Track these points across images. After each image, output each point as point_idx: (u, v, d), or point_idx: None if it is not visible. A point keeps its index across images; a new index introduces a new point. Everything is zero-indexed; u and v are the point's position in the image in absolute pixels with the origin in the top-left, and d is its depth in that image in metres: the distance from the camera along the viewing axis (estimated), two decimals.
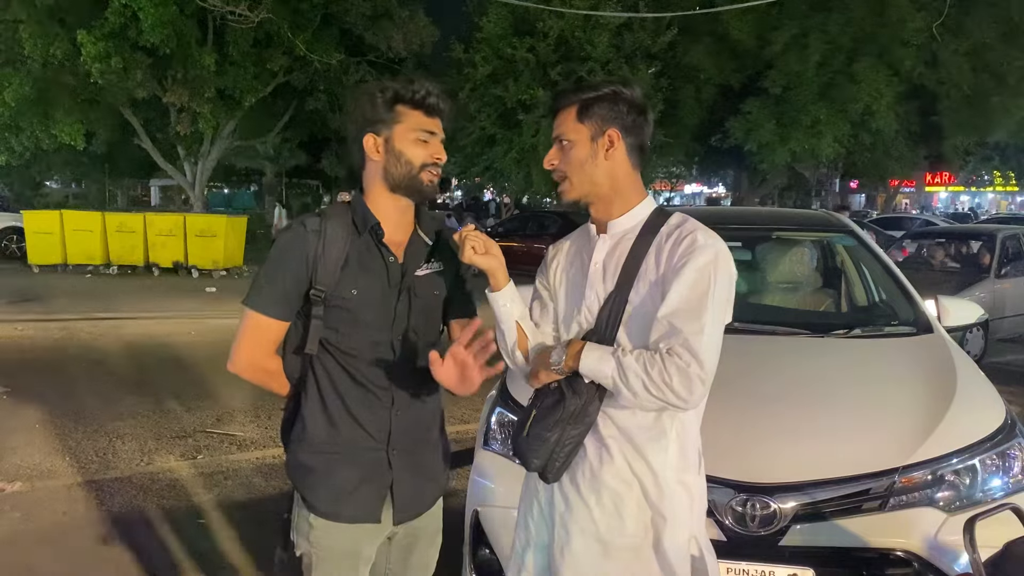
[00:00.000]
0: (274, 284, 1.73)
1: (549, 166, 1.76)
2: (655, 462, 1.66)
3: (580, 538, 1.69)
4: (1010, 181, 38.49)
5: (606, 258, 1.73)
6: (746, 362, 2.97)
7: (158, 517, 3.98)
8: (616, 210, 1.74)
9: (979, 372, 2.96)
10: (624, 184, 1.73)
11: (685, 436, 1.70)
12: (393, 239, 1.77)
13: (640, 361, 1.56)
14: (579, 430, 1.65)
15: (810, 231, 4.32)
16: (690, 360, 1.53)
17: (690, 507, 1.70)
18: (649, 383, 1.54)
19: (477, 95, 18.29)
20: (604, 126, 1.69)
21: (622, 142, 1.70)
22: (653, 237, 1.68)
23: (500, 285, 1.71)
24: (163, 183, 35.29)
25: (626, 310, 1.66)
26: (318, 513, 1.77)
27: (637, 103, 1.71)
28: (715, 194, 49.57)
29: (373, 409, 1.76)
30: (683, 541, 1.68)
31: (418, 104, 1.72)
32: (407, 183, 1.74)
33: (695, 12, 17.88)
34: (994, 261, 8.72)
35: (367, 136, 1.73)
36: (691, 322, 1.56)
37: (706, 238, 1.63)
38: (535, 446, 1.65)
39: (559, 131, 1.73)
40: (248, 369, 1.78)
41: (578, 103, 1.71)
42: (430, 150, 1.74)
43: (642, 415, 1.66)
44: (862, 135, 19.17)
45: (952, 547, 2.18)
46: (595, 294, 1.72)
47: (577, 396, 1.63)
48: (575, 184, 1.72)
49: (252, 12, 15.99)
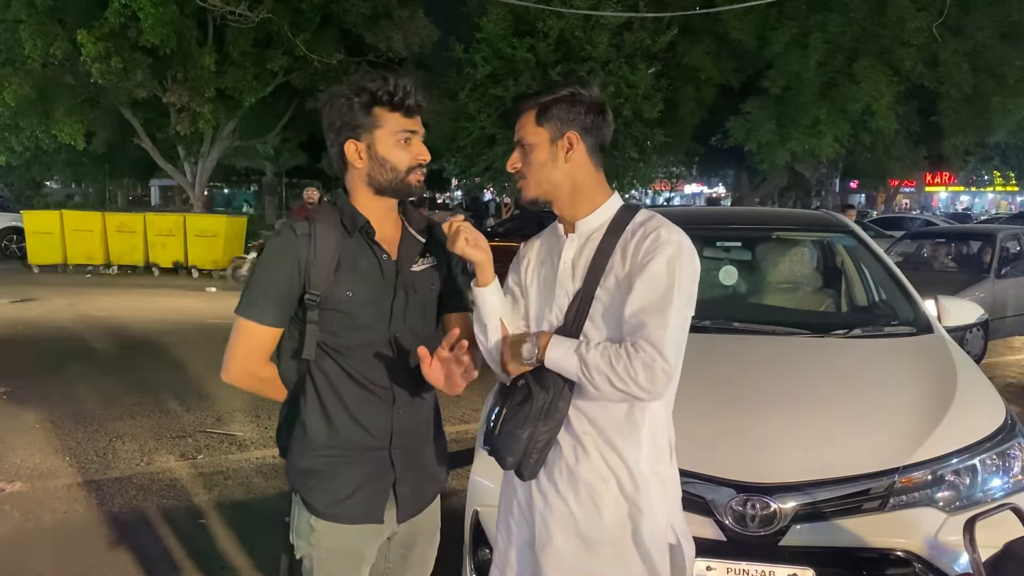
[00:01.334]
0: (266, 292, 1.71)
1: (512, 169, 1.78)
2: (629, 456, 1.68)
3: (561, 535, 1.71)
4: (1010, 181, 38.54)
5: (575, 257, 1.75)
6: (746, 362, 2.98)
7: (158, 517, 3.99)
8: (582, 209, 1.76)
9: (979, 372, 2.96)
10: (586, 184, 1.75)
11: (656, 427, 1.71)
12: (384, 237, 1.77)
13: (605, 356, 1.58)
14: (550, 426, 1.66)
15: (810, 231, 4.32)
16: (655, 355, 1.55)
17: (664, 496, 1.72)
18: (614, 377, 1.57)
19: (477, 95, 18.25)
20: (563, 128, 1.71)
21: (581, 143, 1.72)
22: (620, 234, 1.71)
23: (487, 280, 1.72)
24: (163, 183, 35.34)
25: (593, 306, 1.68)
26: (319, 515, 1.76)
27: (595, 103, 1.73)
28: (715, 194, 49.60)
29: (374, 409, 1.76)
30: (660, 531, 1.71)
31: (397, 106, 1.70)
32: (394, 187, 1.74)
33: (695, 12, 17.87)
34: (994, 261, 8.71)
35: (348, 143, 1.72)
36: (655, 316, 1.58)
37: (670, 234, 1.66)
38: (508, 444, 1.66)
39: (520, 135, 1.76)
40: (242, 378, 1.77)
41: (536, 106, 1.73)
42: (413, 151, 1.73)
43: (614, 409, 1.68)
44: (862, 135, 19.19)
45: (952, 547, 2.18)
46: (565, 293, 1.74)
47: (544, 391, 1.64)
48: (533, 184, 1.75)
49: (252, 12, 16.01)
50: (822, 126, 18.49)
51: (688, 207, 29.07)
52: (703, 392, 2.37)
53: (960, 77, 18.03)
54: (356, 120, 1.70)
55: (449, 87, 18.71)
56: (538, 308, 1.79)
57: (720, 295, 3.99)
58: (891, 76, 17.86)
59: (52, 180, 32.57)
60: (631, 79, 17.50)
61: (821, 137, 18.61)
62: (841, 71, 18.26)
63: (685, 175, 31.52)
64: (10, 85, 16.20)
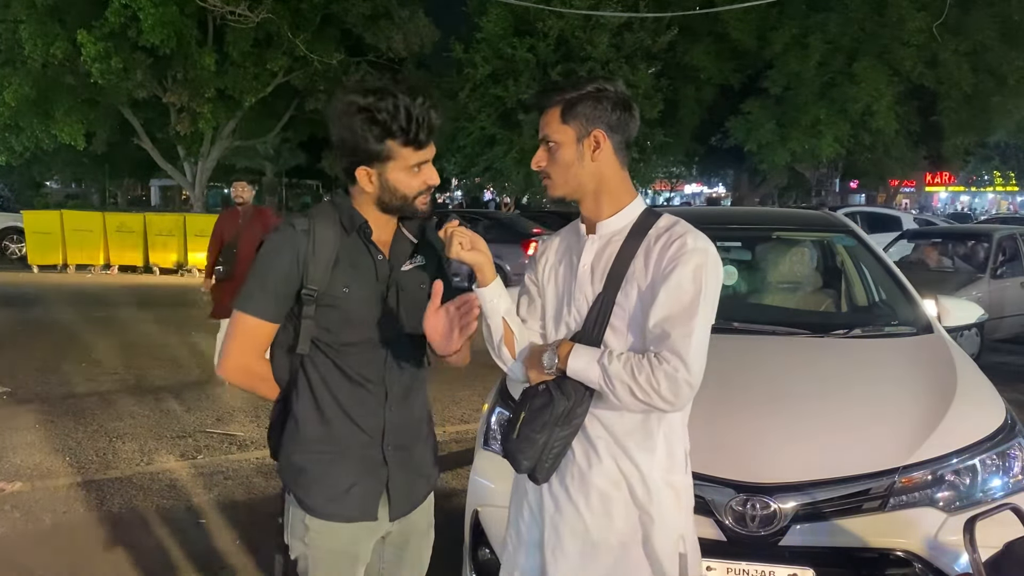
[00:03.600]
0: (264, 286, 1.72)
1: (536, 167, 1.75)
2: (642, 463, 1.67)
3: (571, 539, 1.70)
4: (1010, 181, 38.51)
5: (594, 260, 1.73)
6: (746, 362, 2.97)
7: (158, 517, 3.98)
8: (606, 209, 1.73)
9: (979, 372, 2.96)
10: (612, 183, 1.72)
11: (672, 436, 1.70)
12: (380, 238, 1.78)
13: (628, 367, 1.56)
14: (567, 432, 1.65)
15: (810, 231, 4.32)
16: (679, 365, 1.54)
17: (677, 506, 1.71)
18: (636, 388, 1.55)
19: (477, 95, 18.26)
20: (589, 127, 1.68)
21: (608, 142, 1.69)
22: (642, 239, 1.68)
23: (487, 280, 1.70)
24: (163, 183, 35.28)
25: (613, 311, 1.67)
26: (314, 514, 1.75)
27: (621, 99, 1.70)
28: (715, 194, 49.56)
29: (367, 406, 1.76)
30: (671, 540, 1.69)
31: (409, 142, 1.67)
32: (400, 208, 1.75)
33: (695, 12, 17.87)
34: (990, 261, 8.69)
35: (359, 169, 1.71)
36: (680, 326, 1.56)
37: (695, 241, 1.63)
38: (524, 447, 1.65)
39: (544, 132, 1.72)
40: (237, 372, 1.78)
41: (562, 103, 1.69)
42: (423, 177, 1.72)
43: (629, 417, 1.66)
44: (862, 135, 19.17)
45: (952, 547, 2.18)
46: (584, 296, 1.72)
47: (565, 398, 1.63)
48: (560, 184, 1.72)
49: (252, 12, 16.01)
50: (822, 126, 18.49)
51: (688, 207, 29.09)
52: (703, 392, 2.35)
53: (960, 77, 18.03)
54: (369, 148, 1.67)
55: (449, 87, 18.71)
56: (555, 309, 1.78)
57: (720, 295, 3.98)
58: (891, 76, 17.86)
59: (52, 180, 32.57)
60: (631, 79, 17.50)
61: (821, 137, 18.60)
62: (841, 71, 18.26)
63: (685, 175, 31.48)
64: (10, 85, 16.22)
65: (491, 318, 1.74)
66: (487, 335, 1.76)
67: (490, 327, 1.75)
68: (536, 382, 1.69)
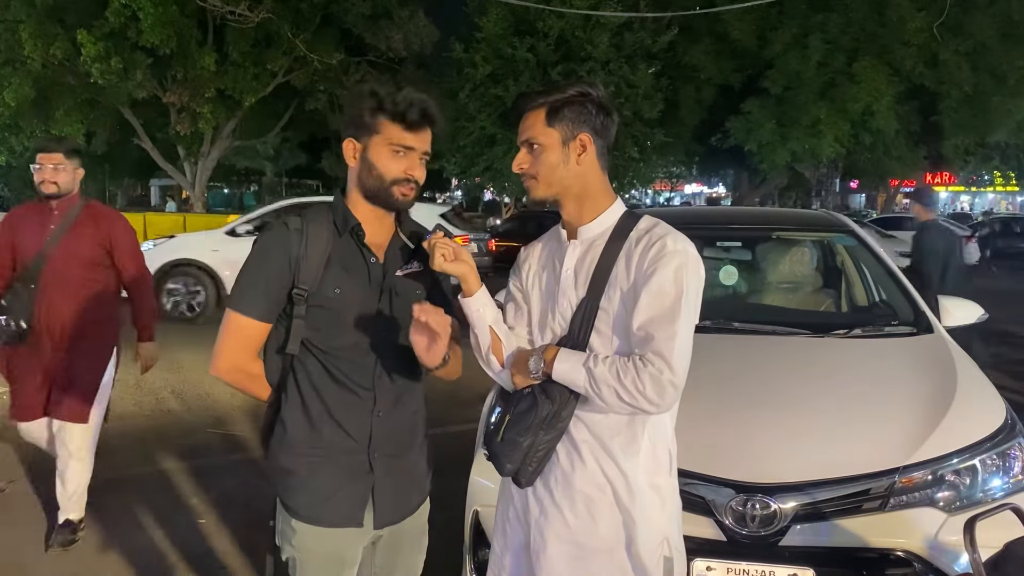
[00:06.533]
0: (255, 284, 1.72)
1: (518, 170, 1.75)
2: (626, 466, 1.67)
3: (555, 543, 1.70)
4: (1010, 181, 38.53)
5: (577, 264, 1.73)
6: (746, 362, 2.98)
7: (157, 517, 3.98)
8: (587, 214, 1.74)
9: (979, 372, 2.96)
10: (594, 186, 1.73)
11: (657, 438, 1.70)
12: (374, 241, 1.77)
13: (613, 370, 1.57)
14: (552, 435, 1.65)
15: (810, 231, 4.32)
16: (663, 367, 1.54)
17: (661, 509, 1.71)
18: (622, 391, 1.55)
19: (477, 95, 18.26)
20: (575, 130, 1.69)
21: (593, 145, 1.70)
22: (623, 242, 1.69)
23: (472, 290, 1.70)
24: (163, 183, 35.31)
25: (598, 315, 1.67)
26: (299, 517, 1.75)
27: (604, 104, 1.72)
28: (715, 194, 49.59)
29: (354, 411, 1.75)
30: (655, 543, 1.69)
31: (397, 117, 1.68)
32: (377, 195, 1.73)
33: (695, 12, 17.90)
34: None
35: (347, 140, 1.73)
36: (663, 328, 1.57)
37: (675, 243, 1.63)
38: (508, 451, 1.64)
39: (528, 135, 1.72)
40: (230, 372, 1.77)
41: (547, 105, 1.70)
42: (403, 165, 1.71)
43: (614, 419, 1.66)
44: (862, 135, 19.18)
45: (952, 547, 2.18)
46: (568, 301, 1.72)
47: (550, 401, 1.63)
48: (544, 186, 1.72)
49: (252, 12, 16.00)
50: (822, 126, 18.49)
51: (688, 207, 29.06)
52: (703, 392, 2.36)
53: (960, 77, 18.03)
54: (361, 121, 1.70)
55: (449, 87, 18.71)
56: (540, 314, 1.78)
57: (720, 295, 3.99)
58: (891, 76, 17.87)
59: None
60: (631, 79, 17.52)
61: (821, 137, 18.61)
62: (841, 71, 18.25)
63: (685, 175, 31.51)
64: (10, 85, 16.21)
65: (478, 327, 1.73)
66: (475, 344, 1.76)
67: (477, 336, 1.75)
68: (522, 387, 1.68)
